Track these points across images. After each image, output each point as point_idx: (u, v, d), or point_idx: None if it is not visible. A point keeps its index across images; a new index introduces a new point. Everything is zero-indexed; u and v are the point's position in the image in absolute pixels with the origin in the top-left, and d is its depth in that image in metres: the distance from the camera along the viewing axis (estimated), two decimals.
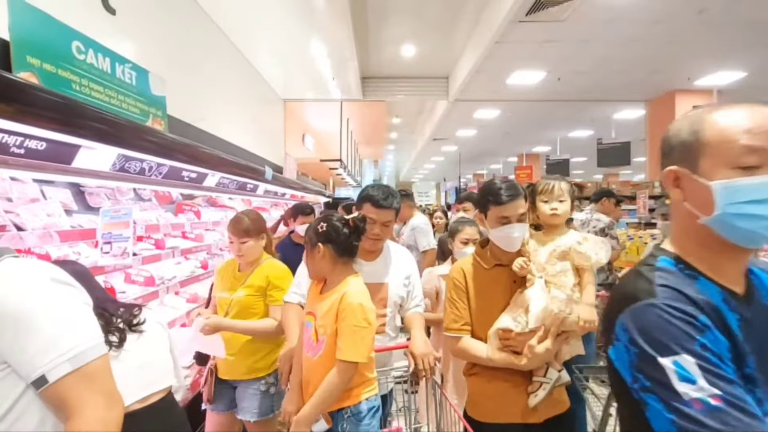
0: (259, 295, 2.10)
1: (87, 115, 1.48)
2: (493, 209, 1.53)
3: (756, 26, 5.22)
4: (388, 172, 25.04)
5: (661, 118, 8.10)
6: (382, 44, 7.02)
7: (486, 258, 1.61)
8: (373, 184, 1.84)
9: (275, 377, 2.12)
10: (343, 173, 9.14)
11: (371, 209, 1.72)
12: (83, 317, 0.79)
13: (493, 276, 1.58)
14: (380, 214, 1.71)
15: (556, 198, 1.75)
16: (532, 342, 1.43)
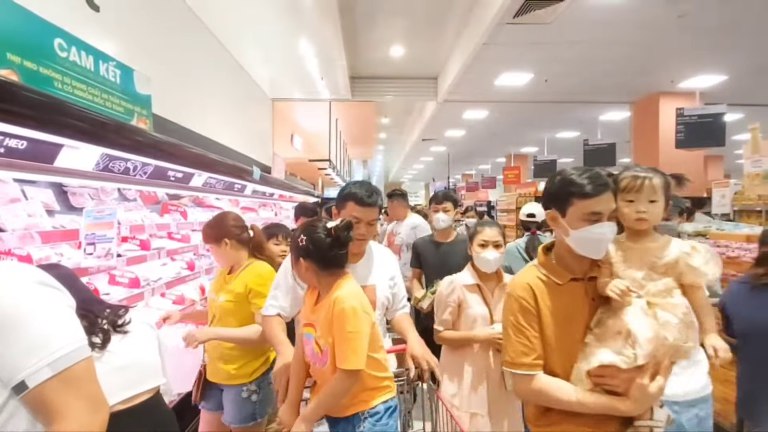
0: (239, 302, 2.03)
1: (69, 114, 1.46)
2: (578, 204, 1.19)
3: (735, 31, 5.35)
4: (377, 172, 25.04)
5: (645, 120, 8.25)
6: (371, 44, 7.02)
7: (558, 270, 1.27)
8: (354, 181, 1.75)
9: (257, 385, 2.08)
10: (332, 173, 9.12)
11: (355, 208, 1.61)
12: (66, 321, 0.78)
13: (569, 294, 1.25)
14: (365, 212, 1.62)
15: (646, 198, 1.29)
16: (642, 381, 1.10)
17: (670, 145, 6.90)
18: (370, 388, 1.46)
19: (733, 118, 8.90)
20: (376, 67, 7.90)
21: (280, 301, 1.71)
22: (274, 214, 5.86)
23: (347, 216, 1.58)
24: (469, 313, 2.07)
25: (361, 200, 1.60)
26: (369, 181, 2.00)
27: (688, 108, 6.34)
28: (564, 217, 1.23)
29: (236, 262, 2.13)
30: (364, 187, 1.64)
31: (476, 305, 2.08)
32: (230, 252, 2.09)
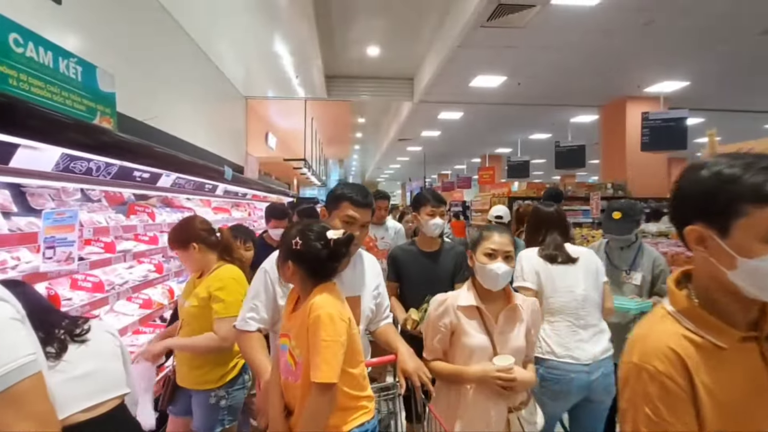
0: (203, 306, 1.97)
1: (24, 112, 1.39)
2: (756, 215, 0.72)
3: (696, 40, 5.60)
4: (353, 171, 24.98)
5: (613, 123, 8.53)
6: (347, 44, 6.99)
7: (716, 325, 0.80)
8: (344, 182, 1.69)
9: (226, 390, 2.03)
10: (307, 173, 9.03)
11: (351, 209, 1.53)
12: (8, 336, 0.71)
13: (739, 362, 0.79)
14: (361, 214, 1.54)
15: None
16: None
17: (636, 148, 7.15)
18: (343, 408, 1.30)
19: (694, 122, 9.30)
20: (353, 66, 7.88)
21: (260, 313, 1.52)
22: (247, 214, 5.75)
23: (340, 217, 1.53)
24: (465, 343, 1.63)
25: (357, 201, 1.53)
26: (356, 183, 2.08)
27: (653, 112, 6.59)
28: (726, 237, 0.76)
29: (205, 266, 2.06)
30: (358, 188, 1.58)
31: (474, 333, 1.63)
32: (198, 256, 2.02)
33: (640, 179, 7.95)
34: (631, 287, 2.38)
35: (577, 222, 6.60)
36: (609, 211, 2.41)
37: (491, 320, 1.64)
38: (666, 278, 2.31)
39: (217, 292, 1.94)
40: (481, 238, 1.72)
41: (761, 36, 5.44)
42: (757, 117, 9.47)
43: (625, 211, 2.36)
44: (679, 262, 2.80)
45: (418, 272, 2.31)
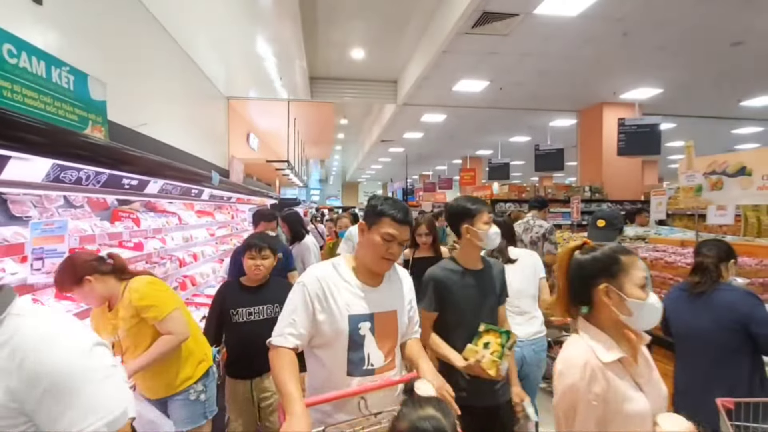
0: (139, 322, 1.94)
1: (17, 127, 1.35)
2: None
3: (669, 50, 5.82)
4: (335, 171, 24.88)
5: (590, 127, 8.78)
6: (331, 46, 6.98)
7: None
8: (382, 197, 1.56)
9: (203, 384, 2.09)
10: (290, 174, 8.96)
11: (392, 225, 1.47)
12: (115, 381, 0.85)
13: None
14: (401, 231, 1.48)
15: None
16: None
17: (612, 151, 7.39)
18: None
19: (667, 127, 9.66)
20: (337, 68, 7.86)
21: (299, 329, 1.43)
22: (231, 216, 5.68)
23: (380, 233, 1.47)
24: (627, 413, 1.15)
25: (398, 219, 1.48)
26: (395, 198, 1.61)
27: (629, 119, 6.82)
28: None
29: (110, 294, 1.97)
30: (398, 205, 1.52)
31: (634, 395, 1.17)
32: (98, 287, 1.92)
33: (615, 182, 8.21)
34: None
35: (557, 224, 6.76)
36: (593, 219, 2.50)
37: (636, 368, 1.22)
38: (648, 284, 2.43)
39: (141, 302, 1.90)
40: (629, 266, 1.22)
41: (730, 48, 5.71)
42: (726, 122, 9.91)
43: (609, 220, 2.46)
44: (658, 267, 2.92)
45: (467, 297, 1.89)
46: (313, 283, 1.46)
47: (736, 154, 2.40)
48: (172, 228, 3.72)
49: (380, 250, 1.47)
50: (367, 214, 1.54)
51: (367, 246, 1.50)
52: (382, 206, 1.50)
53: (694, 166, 2.60)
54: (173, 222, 3.79)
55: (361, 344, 1.46)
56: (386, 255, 1.47)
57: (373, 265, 1.50)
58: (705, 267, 2.05)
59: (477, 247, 1.90)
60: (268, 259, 2.34)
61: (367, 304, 1.48)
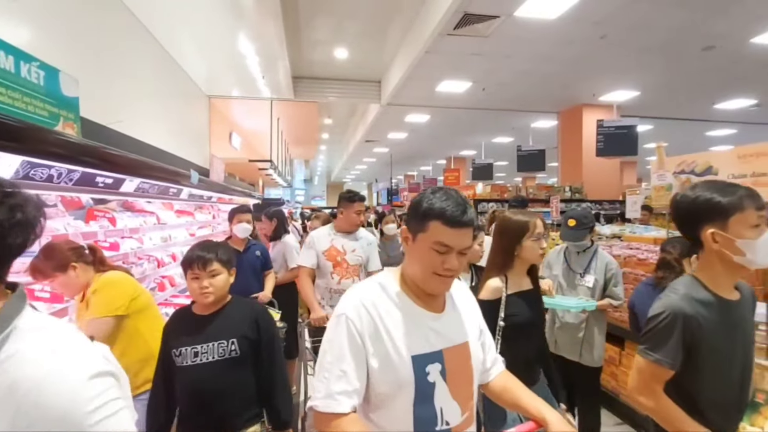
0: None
1: None
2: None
3: (646, 54, 5.97)
4: (319, 171, 24.79)
5: (570, 128, 8.94)
6: (315, 45, 6.96)
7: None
8: (432, 189, 1.11)
9: None
10: (273, 174, 8.90)
11: (444, 231, 1.03)
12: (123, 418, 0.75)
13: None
14: (458, 236, 1.04)
15: None
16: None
17: (591, 152, 7.54)
18: None
19: (644, 128, 9.89)
20: (320, 68, 7.85)
21: (352, 383, 1.02)
22: (212, 216, 5.62)
23: (429, 244, 1.05)
24: None
25: (453, 219, 1.03)
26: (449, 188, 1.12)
27: (607, 120, 6.97)
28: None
29: (86, 284, 1.95)
30: (453, 200, 1.05)
31: None
32: (81, 276, 1.91)
33: (595, 183, 8.38)
34: (584, 289, 2.54)
35: None
36: (565, 219, 2.56)
37: None
38: (617, 281, 2.49)
39: (92, 294, 1.88)
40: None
41: (702, 52, 5.88)
42: (700, 124, 10.20)
43: (579, 219, 2.52)
44: (631, 264, 3.00)
45: (729, 347, 1.25)
46: (360, 314, 1.05)
47: (703, 154, 2.49)
48: (150, 228, 3.66)
49: (432, 265, 1.04)
50: (411, 216, 1.11)
51: (415, 260, 1.08)
52: (429, 201, 1.06)
53: (665, 166, 2.69)
54: (151, 222, 3.73)
55: (431, 395, 1.05)
56: (441, 271, 1.04)
57: (425, 285, 1.09)
58: (668, 262, 2.14)
59: (736, 266, 1.22)
60: (220, 276, 1.68)
61: (432, 337, 1.08)
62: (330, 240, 2.85)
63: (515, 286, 1.74)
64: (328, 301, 2.82)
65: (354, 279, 2.83)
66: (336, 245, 2.84)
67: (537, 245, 1.74)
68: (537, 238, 1.74)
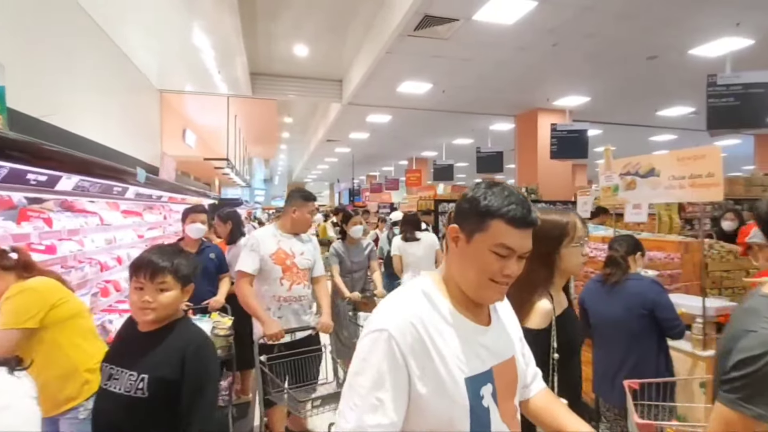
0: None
1: None
2: None
3: (596, 62, 6.27)
4: (280, 171, 24.30)
5: (526, 131, 9.23)
6: (274, 41, 6.80)
7: None
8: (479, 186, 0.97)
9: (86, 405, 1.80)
10: (230, 173, 8.61)
11: (507, 231, 0.91)
12: None
13: None
14: (523, 239, 0.92)
15: None
16: None
17: (546, 155, 7.82)
18: None
19: (594, 133, 10.38)
20: (279, 64, 7.68)
21: (388, 414, 0.86)
22: (163, 217, 5.35)
23: (489, 246, 0.91)
24: None
25: (519, 218, 0.90)
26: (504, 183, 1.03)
27: (560, 124, 7.25)
28: None
29: (2, 291, 1.78)
30: (515, 196, 0.93)
31: None
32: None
33: (549, 184, 8.70)
34: None
35: None
36: None
37: None
38: None
39: (2, 304, 1.71)
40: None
41: (646, 61, 6.24)
42: (644, 130, 10.83)
43: None
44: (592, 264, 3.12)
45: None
46: (405, 331, 0.87)
47: (646, 157, 2.63)
48: (93, 229, 3.43)
49: (490, 270, 0.91)
50: (463, 213, 0.96)
51: (467, 264, 0.94)
52: (488, 200, 0.92)
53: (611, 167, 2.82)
54: (94, 222, 3.49)
55: (487, 423, 0.91)
56: (499, 277, 0.92)
57: (476, 294, 0.95)
58: (615, 260, 2.24)
59: None
60: (169, 293, 1.43)
61: (483, 354, 0.95)
62: (277, 241, 2.55)
63: (558, 306, 1.39)
64: (276, 312, 2.51)
65: (304, 284, 2.59)
66: (284, 247, 2.56)
67: (578, 252, 1.39)
68: (579, 243, 1.39)
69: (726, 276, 3.12)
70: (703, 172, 2.16)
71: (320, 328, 2.60)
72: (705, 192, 2.17)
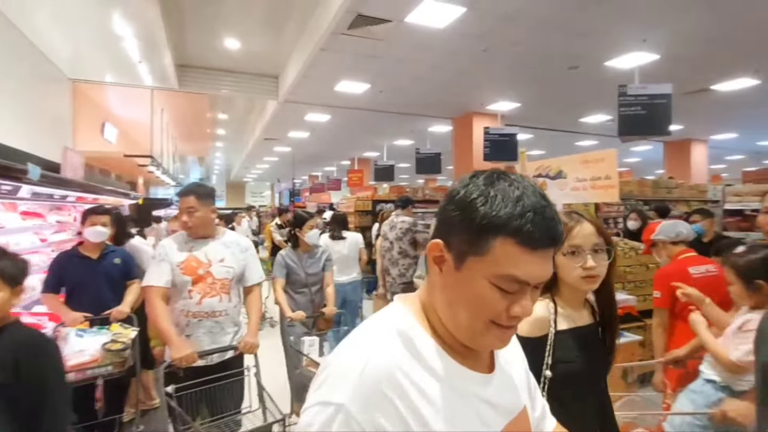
0: None
1: None
2: None
3: (523, 69, 6.57)
4: (217, 170, 23.23)
5: (462, 134, 9.51)
6: (201, 32, 6.44)
7: None
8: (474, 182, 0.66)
9: None
10: (156, 171, 8.06)
11: (519, 255, 0.61)
12: None
13: None
14: (542, 263, 0.63)
15: None
16: None
17: (480, 157, 8.10)
18: None
19: (524, 137, 10.92)
20: (210, 57, 7.30)
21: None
22: (72, 219, 4.87)
23: (486, 274, 0.62)
24: None
25: (540, 237, 0.61)
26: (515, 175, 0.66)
27: (492, 128, 7.55)
28: None
29: None
30: (529, 200, 0.63)
31: None
32: None
33: None
34: None
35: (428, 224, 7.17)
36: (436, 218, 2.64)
37: None
38: None
39: None
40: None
41: (569, 71, 6.64)
42: (570, 135, 11.57)
43: None
44: None
45: None
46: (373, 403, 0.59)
47: (555, 160, 2.78)
48: None
49: (490, 310, 0.63)
50: (450, 224, 0.66)
51: (456, 300, 0.65)
52: (490, 207, 0.62)
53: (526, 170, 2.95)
54: None
55: None
56: (504, 320, 0.64)
57: (470, 340, 0.67)
58: None
59: None
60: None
61: (486, 412, 0.67)
62: (188, 248, 2.22)
63: (567, 320, 1.21)
64: (184, 329, 2.17)
65: (222, 297, 2.21)
66: (197, 255, 2.21)
67: (571, 263, 1.17)
68: (570, 252, 1.18)
69: (629, 271, 3.38)
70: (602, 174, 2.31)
71: (242, 347, 2.22)
72: (604, 193, 2.32)
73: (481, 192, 0.63)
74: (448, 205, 0.67)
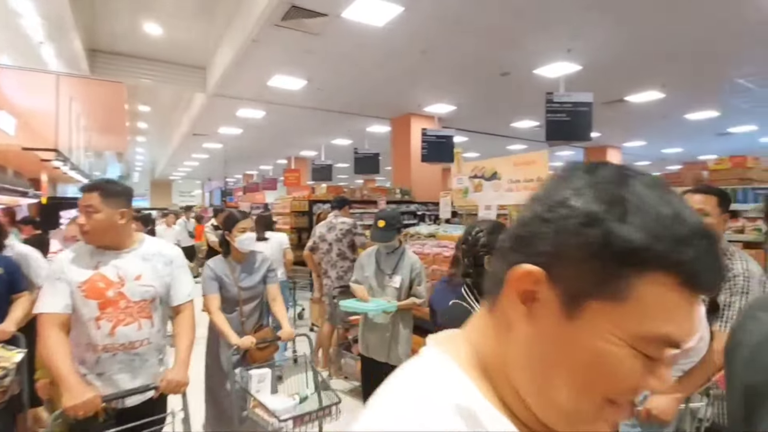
0: None
1: None
2: None
3: (459, 73, 6.71)
4: (140, 167, 21.48)
5: (401, 135, 9.56)
6: (117, 14, 5.84)
7: None
8: (613, 171, 0.42)
9: None
10: (62, 166, 7.19)
11: (679, 303, 0.40)
12: None
13: None
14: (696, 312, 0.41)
15: None
16: None
17: (418, 158, 8.16)
18: None
19: (461, 140, 11.25)
20: (126, 43, 6.65)
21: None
22: None
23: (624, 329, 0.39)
24: None
25: (711, 275, 0.40)
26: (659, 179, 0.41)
27: (430, 129, 7.63)
28: None
29: None
30: (694, 222, 0.40)
31: None
32: None
33: (421, 186, 9.13)
34: (391, 289, 2.60)
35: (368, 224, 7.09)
36: (375, 220, 2.56)
37: None
38: (421, 280, 2.60)
39: None
40: None
41: (501, 77, 6.89)
42: (502, 139, 12.09)
43: (388, 220, 2.55)
44: (438, 261, 3.22)
45: None
46: None
47: (489, 161, 2.81)
48: None
49: (616, 384, 0.40)
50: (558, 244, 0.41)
51: (561, 362, 0.41)
52: (635, 225, 0.38)
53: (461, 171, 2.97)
54: None
55: None
56: (624, 398, 0.41)
57: (568, 424, 0.42)
58: (459, 259, 2.29)
59: None
60: None
61: None
62: (94, 263, 1.75)
63: None
64: (94, 366, 1.72)
65: (140, 323, 1.77)
66: (105, 271, 1.74)
67: None
68: None
69: None
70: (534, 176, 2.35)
71: (164, 386, 1.74)
72: None
73: (613, 197, 0.40)
74: (551, 212, 0.42)
